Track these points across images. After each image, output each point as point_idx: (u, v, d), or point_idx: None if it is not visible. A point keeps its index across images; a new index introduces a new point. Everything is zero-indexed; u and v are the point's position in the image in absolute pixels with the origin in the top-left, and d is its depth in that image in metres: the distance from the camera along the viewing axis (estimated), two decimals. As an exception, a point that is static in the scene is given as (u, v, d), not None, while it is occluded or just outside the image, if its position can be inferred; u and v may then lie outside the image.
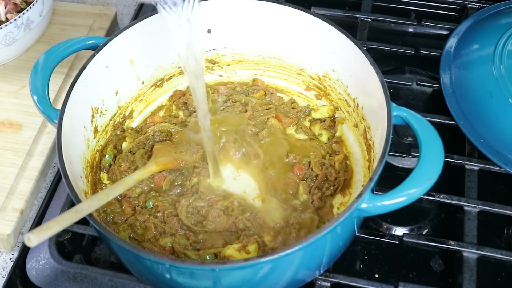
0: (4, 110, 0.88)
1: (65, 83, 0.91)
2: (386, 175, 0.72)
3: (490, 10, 0.93)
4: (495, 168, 0.76)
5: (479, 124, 0.78)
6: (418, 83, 0.88)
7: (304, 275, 0.64)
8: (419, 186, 0.57)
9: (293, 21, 0.77)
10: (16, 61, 0.95)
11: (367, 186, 0.56)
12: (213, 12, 0.79)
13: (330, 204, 0.71)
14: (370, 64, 0.67)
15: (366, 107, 0.73)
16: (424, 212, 0.77)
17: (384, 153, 0.59)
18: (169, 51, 0.82)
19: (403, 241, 0.70)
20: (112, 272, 0.69)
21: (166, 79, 0.85)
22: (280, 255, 0.52)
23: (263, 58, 0.84)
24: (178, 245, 0.66)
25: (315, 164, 0.73)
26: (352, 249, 0.73)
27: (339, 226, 0.55)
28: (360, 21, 0.96)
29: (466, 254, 0.68)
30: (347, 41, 0.71)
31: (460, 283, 0.66)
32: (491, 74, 0.79)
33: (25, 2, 0.92)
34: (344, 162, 0.75)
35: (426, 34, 0.99)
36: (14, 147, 0.83)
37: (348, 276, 0.67)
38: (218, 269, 0.52)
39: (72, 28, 1.00)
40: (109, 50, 0.73)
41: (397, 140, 0.83)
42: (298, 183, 0.72)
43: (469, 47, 0.87)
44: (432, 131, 0.61)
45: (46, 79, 0.70)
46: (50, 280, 0.69)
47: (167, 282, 0.59)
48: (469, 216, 0.71)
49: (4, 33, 0.86)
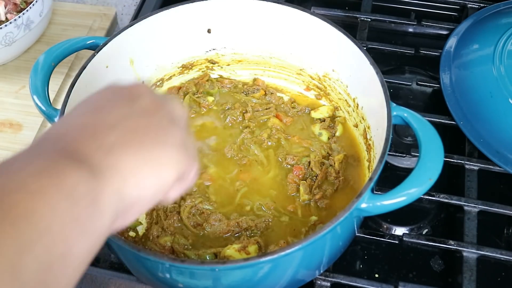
0: (4, 110, 0.88)
1: (65, 83, 0.91)
2: (386, 175, 0.72)
3: (490, 10, 0.93)
4: (495, 168, 0.76)
5: (479, 124, 0.78)
6: (418, 83, 0.88)
7: (304, 275, 0.64)
8: (419, 186, 0.56)
9: (293, 21, 0.77)
10: (16, 61, 0.95)
11: (367, 186, 0.56)
12: (213, 12, 0.79)
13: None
14: (370, 64, 0.67)
15: (366, 107, 0.73)
16: (424, 212, 0.77)
17: (384, 153, 0.59)
18: (169, 51, 0.82)
19: (403, 241, 0.70)
20: (112, 272, 0.69)
21: (166, 79, 0.85)
22: (280, 255, 0.52)
23: (263, 58, 0.84)
24: (177, 245, 0.66)
25: (315, 164, 0.73)
26: (352, 249, 0.73)
27: (339, 226, 0.55)
28: (360, 21, 0.96)
29: (466, 254, 0.68)
30: (347, 41, 0.71)
31: (460, 283, 0.66)
32: (491, 74, 0.80)
33: (25, 2, 0.92)
34: (344, 162, 0.75)
35: (426, 34, 0.99)
36: (14, 147, 0.83)
37: (348, 276, 0.67)
38: (218, 269, 0.53)
39: (72, 28, 1.00)
40: (109, 50, 0.73)
41: (397, 140, 0.83)
42: (298, 183, 0.72)
43: (469, 47, 0.87)
44: (432, 131, 0.61)
45: (46, 79, 0.70)
46: (50, 280, 0.69)
47: (167, 282, 0.59)
48: (469, 216, 0.71)
49: (4, 33, 0.86)
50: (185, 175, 0.45)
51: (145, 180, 0.40)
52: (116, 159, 0.39)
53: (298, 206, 0.71)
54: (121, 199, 0.39)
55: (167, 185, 0.42)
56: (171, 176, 0.42)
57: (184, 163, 0.44)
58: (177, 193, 0.47)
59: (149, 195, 0.41)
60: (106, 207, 0.37)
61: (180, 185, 0.46)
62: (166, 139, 0.43)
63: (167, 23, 0.77)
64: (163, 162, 0.42)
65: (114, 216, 0.38)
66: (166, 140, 0.43)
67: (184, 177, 0.45)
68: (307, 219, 0.70)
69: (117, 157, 0.39)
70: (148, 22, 0.75)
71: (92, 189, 0.36)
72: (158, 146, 0.42)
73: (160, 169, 0.41)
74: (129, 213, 0.41)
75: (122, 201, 0.39)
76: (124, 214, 0.40)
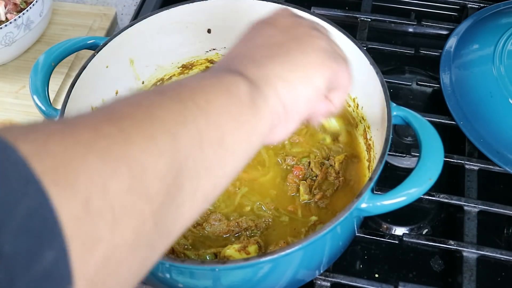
0: (4, 110, 0.88)
1: (65, 83, 0.91)
2: (386, 175, 0.72)
3: (490, 10, 0.93)
4: (495, 168, 0.76)
5: (479, 124, 0.78)
6: (418, 83, 0.88)
7: (304, 274, 0.64)
8: (419, 186, 0.57)
9: (293, 21, 0.77)
10: (16, 61, 0.95)
11: (367, 186, 0.56)
12: (213, 12, 0.79)
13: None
14: (370, 64, 0.68)
15: (366, 107, 0.73)
16: (424, 212, 0.77)
17: (384, 153, 0.59)
18: (169, 51, 0.82)
19: (403, 241, 0.70)
20: (112, 272, 0.69)
21: (166, 79, 0.85)
22: (280, 255, 0.52)
23: (263, 58, 0.84)
24: (177, 244, 0.66)
25: (315, 165, 0.73)
26: (352, 249, 0.73)
27: (339, 226, 0.55)
28: (360, 21, 0.96)
29: (466, 254, 0.68)
30: (347, 41, 0.71)
31: (460, 283, 0.66)
32: (491, 74, 0.80)
33: (25, 2, 0.92)
34: (345, 162, 0.75)
35: (426, 34, 0.99)
36: (14, 147, 0.83)
37: (348, 276, 0.67)
38: (218, 269, 0.53)
39: (72, 28, 1.00)
40: (109, 50, 0.73)
41: (397, 140, 0.83)
42: (298, 183, 0.72)
43: (469, 47, 0.87)
44: (432, 131, 0.61)
45: (46, 79, 0.70)
46: (50, 280, 0.69)
47: (167, 282, 0.59)
48: (469, 216, 0.71)
49: (4, 33, 0.86)
50: (338, 80, 0.47)
51: (297, 85, 0.43)
52: (268, 70, 0.42)
53: (298, 206, 0.71)
54: (277, 103, 0.41)
55: (319, 90, 0.45)
56: (322, 81, 0.44)
57: (333, 66, 0.46)
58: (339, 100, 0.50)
59: (303, 100, 0.43)
60: (264, 109, 0.40)
61: (337, 92, 0.49)
62: (312, 46, 0.45)
63: (167, 23, 0.77)
64: (312, 67, 0.44)
65: (271, 121, 0.41)
66: (312, 47, 0.45)
67: (338, 82, 0.47)
68: (307, 219, 0.70)
69: (268, 68, 0.43)
70: (148, 22, 0.75)
71: (252, 92, 0.40)
72: (305, 53, 0.45)
73: (310, 74, 0.44)
74: (286, 120, 0.43)
75: (277, 105, 0.42)
76: (280, 121, 0.43)
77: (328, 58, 0.46)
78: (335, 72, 0.46)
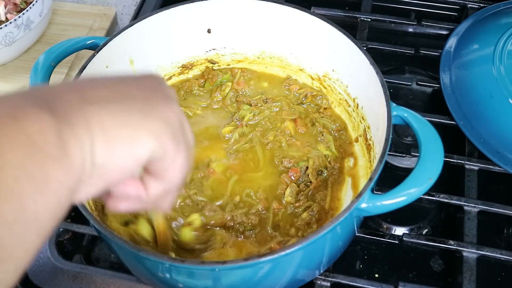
0: (4, 110, 0.88)
1: (65, 83, 0.91)
2: (386, 175, 0.72)
3: (490, 10, 0.93)
4: (495, 168, 0.76)
5: (479, 124, 0.78)
6: (418, 83, 0.88)
7: (304, 274, 0.64)
8: (419, 186, 0.57)
9: (293, 21, 0.77)
10: (16, 61, 0.95)
11: (367, 186, 0.56)
12: (213, 12, 0.79)
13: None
14: (370, 64, 0.68)
15: (366, 107, 0.73)
16: (424, 212, 0.77)
17: (384, 153, 0.59)
18: (169, 51, 0.82)
19: (403, 241, 0.70)
20: (112, 272, 0.69)
21: (166, 79, 0.85)
22: (280, 254, 0.52)
23: (263, 58, 0.84)
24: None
25: (312, 172, 0.72)
26: (352, 249, 0.73)
27: (339, 226, 0.55)
28: (360, 21, 0.96)
29: (466, 254, 0.68)
30: (347, 41, 0.71)
31: (460, 283, 0.66)
32: (491, 74, 0.80)
33: (25, 2, 0.92)
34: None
35: (426, 34, 1.00)
36: (14, 147, 0.83)
37: (348, 276, 0.67)
38: (218, 269, 0.52)
39: (72, 28, 1.00)
40: (109, 50, 0.73)
41: (397, 140, 0.83)
42: (288, 184, 0.72)
43: (469, 47, 0.87)
44: (432, 131, 0.61)
45: (46, 79, 0.70)
46: (50, 279, 0.69)
47: (167, 281, 0.59)
48: (469, 216, 0.71)
49: (4, 33, 0.86)
50: (165, 164, 0.40)
51: (116, 144, 0.36)
52: (92, 112, 0.35)
53: (283, 207, 0.70)
54: (87, 156, 0.34)
55: (139, 159, 0.37)
56: (146, 152, 0.37)
57: (168, 145, 0.39)
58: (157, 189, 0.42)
59: (116, 166, 0.36)
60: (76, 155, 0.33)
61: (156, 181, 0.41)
62: (159, 114, 0.39)
63: (167, 23, 0.77)
64: (145, 133, 0.37)
65: (77, 177, 0.34)
66: (158, 115, 0.39)
67: (163, 167, 0.40)
68: (292, 219, 0.69)
69: (92, 111, 0.35)
70: (148, 22, 0.75)
71: (63, 135, 0.33)
72: (147, 116, 0.38)
73: (138, 138, 0.37)
74: (92, 180, 0.36)
75: (87, 159, 0.35)
76: (88, 179, 0.35)
77: (168, 133, 0.39)
78: (166, 153, 0.39)
